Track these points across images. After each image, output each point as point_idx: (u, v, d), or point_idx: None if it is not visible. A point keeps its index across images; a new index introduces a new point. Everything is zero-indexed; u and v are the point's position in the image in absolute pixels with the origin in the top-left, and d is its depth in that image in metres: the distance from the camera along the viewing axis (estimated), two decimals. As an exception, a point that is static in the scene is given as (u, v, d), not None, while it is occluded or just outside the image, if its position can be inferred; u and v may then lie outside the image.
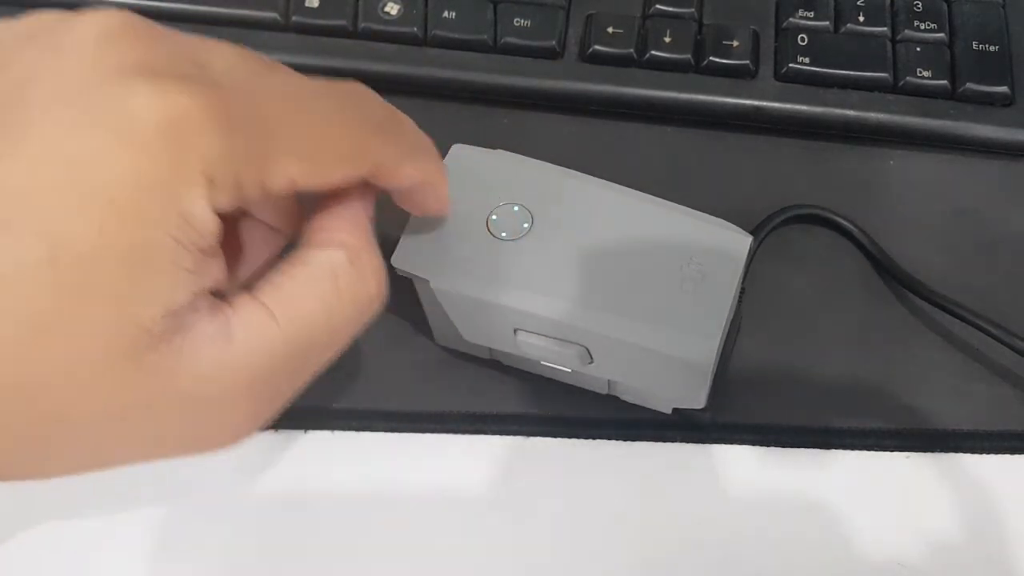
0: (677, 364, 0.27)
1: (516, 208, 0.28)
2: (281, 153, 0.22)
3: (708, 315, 0.27)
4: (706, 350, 0.26)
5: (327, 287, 0.23)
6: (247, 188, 0.21)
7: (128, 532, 0.30)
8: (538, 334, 0.28)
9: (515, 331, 0.28)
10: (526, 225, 0.28)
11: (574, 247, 0.28)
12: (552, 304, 0.27)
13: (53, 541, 0.30)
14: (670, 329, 0.26)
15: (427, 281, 0.28)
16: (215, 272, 0.22)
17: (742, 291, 0.29)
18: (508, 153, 0.30)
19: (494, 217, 0.28)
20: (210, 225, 0.21)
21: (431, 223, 0.28)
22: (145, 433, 0.22)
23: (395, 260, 0.28)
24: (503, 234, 0.28)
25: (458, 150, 0.29)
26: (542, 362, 0.30)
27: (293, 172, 0.22)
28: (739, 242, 0.28)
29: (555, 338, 0.28)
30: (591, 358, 0.28)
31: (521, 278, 0.27)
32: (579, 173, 0.29)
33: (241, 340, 0.22)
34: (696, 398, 0.29)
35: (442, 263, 0.28)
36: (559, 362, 0.29)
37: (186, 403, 0.21)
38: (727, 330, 0.27)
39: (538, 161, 0.29)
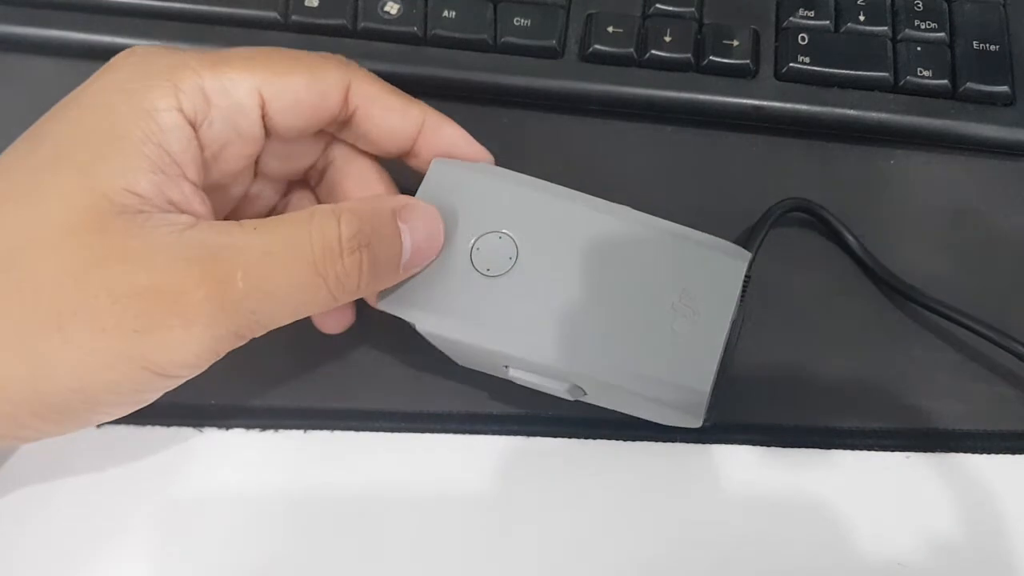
0: (669, 406, 0.27)
1: (500, 237, 0.27)
2: (238, 61, 0.25)
3: (700, 358, 0.26)
4: (697, 395, 0.26)
5: (302, 225, 0.24)
6: (213, 95, 0.25)
7: (127, 533, 0.30)
8: (529, 371, 0.28)
9: (506, 366, 0.28)
10: (511, 258, 0.27)
11: (561, 283, 0.27)
12: (540, 349, 0.27)
13: (53, 541, 0.30)
14: (661, 374, 0.26)
15: (414, 324, 0.27)
16: (188, 191, 0.25)
17: (748, 279, 0.29)
18: (490, 168, 0.29)
19: (477, 248, 0.27)
20: (173, 123, 0.24)
21: None
22: (100, 298, 0.22)
23: (380, 302, 0.28)
24: (488, 268, 0.27)
25: (438, 166, 0.28)
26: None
27: (255, 80, 0.25)
28: (734, 268, 0.27)
29: (547, 376, 0.28)
30: (584, 392, 0.28)
31: (508, 320, 0.27)
32: (563, 189, 0.28)
33: (201, 227, 0.24)
34: (692, 423, 0.28)
35: (427, 303, 0.27)
36: (553, 393, 0.29)
37: (136, 266, 0.22)
38: (725, 353, 0.27)
39: (521, 176, 0.29)
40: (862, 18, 0.36)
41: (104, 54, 0.35)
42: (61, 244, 0.23)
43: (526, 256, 0.27)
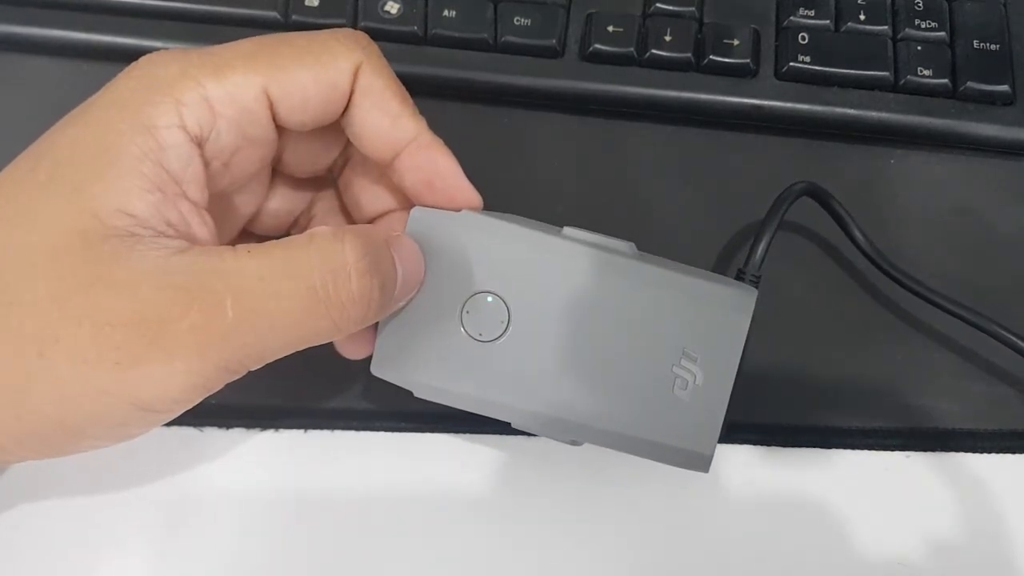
0: (673, 465, 0.27)
1: (490, 299, 0.27)
2: (242, 62, 0.24)
3: (703, 423, 0.26)
4: (702, 458, 0.26)
5: (302, 253, 0.23)
6: (217, 104, 0.24)
7: (128, 532, 0.30)
8: (529, 429, 0.28)
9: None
10: (502, 321, 0.27)
11: (556, 349, 0.27)
12: (539, 417, 0.27)
13: (54, 541, 0.30)
14: (664, 440, 0.26)
15: (411, 391, 0.27)
16: (187, 211, 0.23)
17: (757, 279, 0.29)
18: (473, 218, 0.27)
19: (468, 311, 0.27)
20: (174, 140, 0.23)
21: (405, 321, 0.27)
22: (83, 327, 0.21)
23: (375, 368, 0.27)
24: (480, 334, 0.27)
25: (419, 214, 0.27)
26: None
27: (261, 80, 0.24)
28: (738, 324, 0.26)
29: (547, 436, 0.28)
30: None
31: (504, 389, 0.27)
32: (551, 237, 0.27)
33: (192, 252, 0.22)
34: (699, 471, 0.28)
35: (422, 371, 0.27)
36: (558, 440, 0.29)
37: (121, 294, 0.21)
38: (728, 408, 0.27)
39: (507, 226, 0.27)
40: (862, 17, 0.36)
41: (105, 54, 0.36)
42: (48, 268, 0.22)
43: (518, 320, 0.27)
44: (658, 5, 0.36)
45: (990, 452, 0.32)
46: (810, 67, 0.35)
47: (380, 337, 0.27)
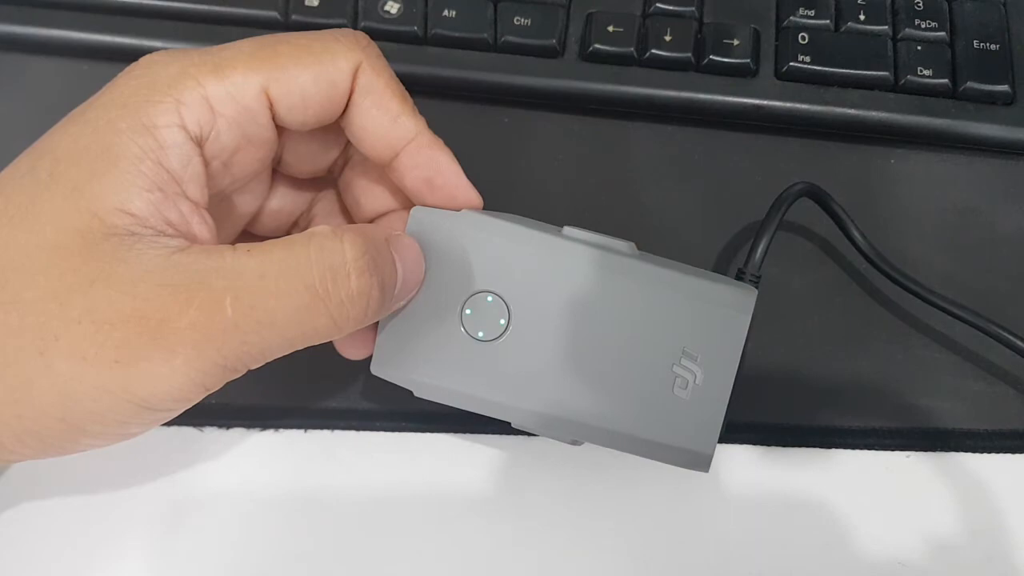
0: (674, 464, 0.27)
1: (490, 299, 0.27)
2: (242, 61, 0.24)
3: (703, 423, 0.26)
4: (702, 457, 0.26)
5: (302, 251, 0.23)
6: (217, 104, 0.24)
7: (128, 532, 0.30)
8: (529, 429, 0.28)
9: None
10: (503, 321, 0.27)
11: (556, 350, 0.27)
12: (539, 417, 0.27)
13: (54, 542, 0.30)
14: (664, 439, 0.26)
15: (411, 391, 0.27)
16: (187, 210, 0.24)
17: (757, 279, 0.29)
18: (473, 217, 0.27)
19: (468, 311, 0.27)
20: (173, 140, 0.23)
21: (405, 321, 0.27)
22: (83, 325, 0.21)
23: (375, 368, 0.28)
24: (480, 334, 0.27)
25: (419, 214, 0.27)
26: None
27: (261, 79, 0.24)
28: (738, 324, 0.26)
29: (546, 435, 0.28)
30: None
31: (504, 389, 0.27)
32: (552, 237, 0.27)
33: (191, 251, 0.23)
34: (700, 471, 0.28)
35: (422, 371, 0.27)
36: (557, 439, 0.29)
37: (120, 292, 0.22)
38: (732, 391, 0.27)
39: (507, 225, 0.27)
40: (862, 17, 0.36)
41: (105, 54, 0.36)
42: (49, 266, 0.22)
43: (518, 320, 0.27)
44: (658, 5, 0.36)
45: (990, 452, 0.32)
46: (810, 67, 0.35)
47: (380, 337, 0.27)
